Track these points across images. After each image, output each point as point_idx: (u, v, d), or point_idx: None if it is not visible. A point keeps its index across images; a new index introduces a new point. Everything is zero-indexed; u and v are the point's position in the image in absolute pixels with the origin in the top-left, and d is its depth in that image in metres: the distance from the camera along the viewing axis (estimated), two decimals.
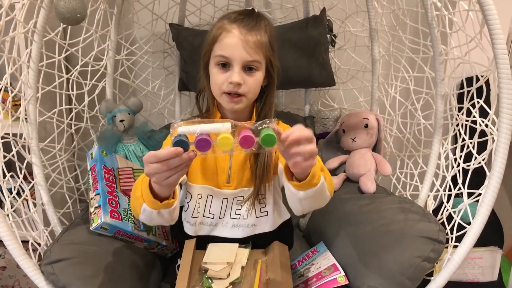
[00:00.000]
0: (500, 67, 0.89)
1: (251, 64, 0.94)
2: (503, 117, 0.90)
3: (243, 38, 0.92)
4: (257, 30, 0.94)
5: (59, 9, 0.92)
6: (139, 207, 0.84)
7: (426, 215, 1.06)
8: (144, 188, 0.82)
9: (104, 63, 1.45)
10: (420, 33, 1.29)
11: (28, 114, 1.11)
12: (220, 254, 0.99)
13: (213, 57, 0.96)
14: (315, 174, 0.80)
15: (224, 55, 0.93)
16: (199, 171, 1.04)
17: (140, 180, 0.87)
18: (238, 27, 0.92)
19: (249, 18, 0.95)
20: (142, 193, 0.83)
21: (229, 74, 0.94)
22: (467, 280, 1.56)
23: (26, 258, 0.92)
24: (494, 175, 0.93)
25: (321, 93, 1.69)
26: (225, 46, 0.93)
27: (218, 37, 0.93)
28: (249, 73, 0.95)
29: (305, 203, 0.87)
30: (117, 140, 1.37)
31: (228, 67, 0.94)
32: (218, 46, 0.94)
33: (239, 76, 0.93)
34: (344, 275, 1.01)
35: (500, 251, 1.55)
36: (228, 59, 0.93)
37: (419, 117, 1.34)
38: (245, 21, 0.93)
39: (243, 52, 0.92)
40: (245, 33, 0.92)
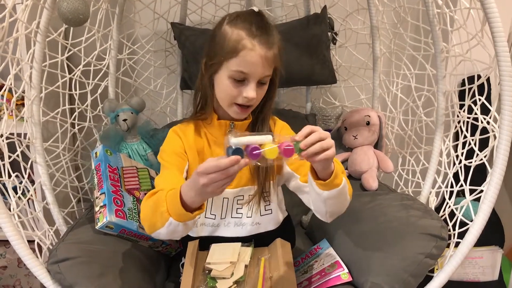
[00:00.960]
0: (501, 64, 0.89)
1: (264, 79, 0.93)
2: (505, 114, 0.91)
3: (264, 56, 0.89)
4: (273, 44, 0.91)
5: (61, 10, 0.93)
6: (162, 222, 0.83)
7: (429, 211, 1.06)
8: (174, 203, 0.80)
9: (106, 63, 1.46)
10: (421, 31, 1.29)
11: (32, 114, 1.11)
12: (223, 254, 1.00)
13: (227, 69, 0.91)
14: (337, 174, 0.85)
15: (245, 71, 0.90)
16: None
17: (161, 196, 0.85)
18: (259, 44, 0.88)
19: (266, 30, 0.90)
20: (168, 208, 0.82)
21: (243, 88, 0.92)
22: (468, 280, 1.57)
23: (32, 258, 0.92)
24: (496, 172, 0.93)
25: (322, 90, 1.70)
26: (246, 64, 0.89)
27: (238, 52, 0.88)
28: (260, 86, 0.94)
29: (329, 203, 0.90)
30: (120, 139, 1.38)
31: (242, 81, 0.92)
32: (238, 62, 0.89)
33: (255, 92, 0.92)
34: (347, 272, 1.02)
35: (500, 251, 1.55)
36: (246, 75, 0.90)
37: (421, 114, 1.34)
38: (264, 37, 0.89)
39: (263, 69, 0.90)
40: (265, 50, 0.89)
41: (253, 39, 0.88)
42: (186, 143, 1.02)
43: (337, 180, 0.86)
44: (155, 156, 1.38)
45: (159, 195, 0.87)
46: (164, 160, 1.01)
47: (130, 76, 1.58)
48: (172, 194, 0.82)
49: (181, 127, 1.06)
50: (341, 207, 0.95)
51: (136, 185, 1.14)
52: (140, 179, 1.17)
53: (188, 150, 1.02)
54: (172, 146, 1.02)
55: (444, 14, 1.12)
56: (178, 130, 1.04)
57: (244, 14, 0.92)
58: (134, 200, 1.09)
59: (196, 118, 1.05)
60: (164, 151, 1.03)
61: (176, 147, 1.02)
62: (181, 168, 1.00)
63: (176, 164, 1.00)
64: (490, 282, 1.56)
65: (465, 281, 1.56)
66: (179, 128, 1.05)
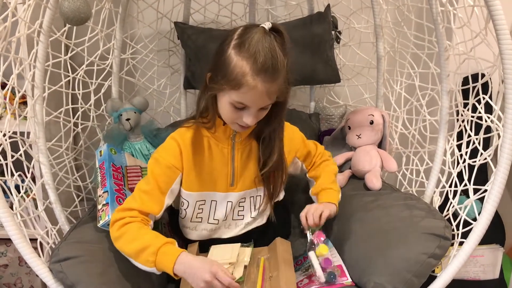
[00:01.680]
0: (505, 62, 0.88)
1: (266, 106, 0.92)
2: (509, 113, 0.90)
3: (266, 91, 0.86)
4: (279, 74, 0.87)
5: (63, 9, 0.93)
6: (144, 264, 0.89)
7: (432, 211, 1.06)
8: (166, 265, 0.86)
9: (109, 62, 1.46)
10: (425, 29, 1.28)
11: (35, 113, 1.12)
12: (222, 255, 1.00)
13: (229, 96, 0.89)
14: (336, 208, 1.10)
15: (244, 103, 0.88)
16: (196, 179, 1.02)
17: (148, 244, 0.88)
18: (263, 82, 0.85)
19: (272, 61, 0.84)
20: (157, 263, 0.87)
21: (243, 113, 0.91)
22: (469, 278, 1.56)
23: (34, 257, 0.93)
24: (500, 171, 0.92)
25: (326, 90, 1.69)
26: (247, 98, 0.88)
27: (240, 86, 0.85)
28: (261, 111, 0.93)
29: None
30: (124, 139, 1.38)
31: (243, 108, 0.90)
32: (239, 95, 0.87)
33: (255, 119, 0.91)
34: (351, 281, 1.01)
35: (501, 249, 1.54)
36: (246, 106, 0.89)
37: (425, 113, 1.33)
38: (269, 71, 0.84)
39: (263, 101, 0.89)
40: (268, 86, 0.86)
41: (256, 76, 0.84)
42: (185, 151, 1.00)
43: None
44: None
45: (147, 242, 0.89)
46: (152, 172, 0.99)
47: (134, 76, 1.59)
48: (167, 255, 0.86)
49: (180, 133, 1.02)
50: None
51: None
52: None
53: (186, 159, 1.00)
54: (167, 157, 0.99)
55: (448, 12, 1.11)
56: (177, 138, 1.01)
57: (253, 36, 0.85)
58: None
59: (199, 123, 1.02)
60: (158, 161, 1.00)
61: (171, 159, 0.99)
62: (166, 186, 0.99)
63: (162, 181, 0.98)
64: (491, 281, 1.56)
65: (465, 280, 1.56)
66: (178, 135, 1.01)
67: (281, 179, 1.08)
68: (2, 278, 1.61)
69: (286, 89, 0.92)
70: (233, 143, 1.03)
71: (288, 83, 0.92)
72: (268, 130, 1.01)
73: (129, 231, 0.91)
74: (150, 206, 0.96)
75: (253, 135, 1.05)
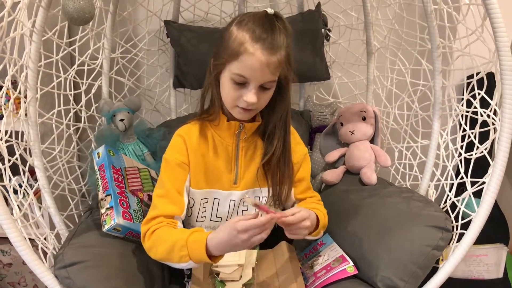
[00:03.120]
0: (502, 59, 0.91)
1: (267, 84, 0.91)
2: (506, 107, 0.92)
3: (265, 61, 0.86)
4: (278, 49, 0.87)
5: (67, 9, 0.90)
6: (179, 261, 0.89)
7: (431, 203, 1.08)
8: (199, 253, 0.86)
9: (100, 62, 1.43)
10: (417, 27, 1.31)
11: (28, 116, 1.08)
12: (230, 257, 0.99)
13: (229, 71, 0.90)
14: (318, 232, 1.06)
15: (244, 75, 0.89)
16: (202, 177, 1.03)
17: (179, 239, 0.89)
18: (261, 49, 0.85)
19: (271, 34, 0.86)
20: (190, 254, 0.87)
21: (244, 91, 0.91)
22: (472, 278, 1.56)
23: (39, 264, 0.90)
24: (498, 164, 0.95)
25: (315, 86, 1.71)
26: (246, 68, 0.88)
27: (239, 55, 0.87)
28: (263, 91, 0.92)
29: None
30: (116, 140, 1.36)
31: (243, 84, 0.91)
32: (238, 65, 0.88)
33: (255, 96, 0.90)
34: (353, 265, 1.03)
35: (505, 248, 1.54)
36: (246, 79, 0.89)
37: (417, 108, 1.36)
38: (268, 41, 0.86)
39: (264, 75, 0.88)
40: (267, 54, 0.86)
41: (255, 43, 0.86)
42: (191, 147, 1.01)
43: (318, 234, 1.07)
44: (152, 156, 1.37)
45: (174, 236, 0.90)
46: (165, 173, 1.00)
47: (124, 75, 1.56)
48: (196, 242, 0.87)
49: (185, 129, 1.04)
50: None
51: (139, 186, 1.12)
52: (142, 180, 1.16)
53: (192, 154, 1.01)
54: (176, 155, 1.00)
55: (442, 10, 1.13)
56: (183, 134, 1.02)
57: (255, 15, 0.89)
58: (139, 202, 1.07)
59: (203, 119, 1.03)
60: (167, 161, 1.01)
61: (180, 156, 1.00)
62: (181, 183, 1.00)
63: (176, 180, 1.00)
64: (494, 280, 1.56)
65: (469, 279, 1.56)
66: (183, 131, 1.03)
67: (288, 176, 1.05)
68: (6, 277, 1.60)
69: (287, 70, 0.93)
70: (237, 141, 1.03)
71: (290, 64, 0.93)
72: (271, 124, 1.02)
73: (158, 237, 0.92)
74: (171, 208, 0.97)
75: (258, 133, 1.05)
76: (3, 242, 1.54)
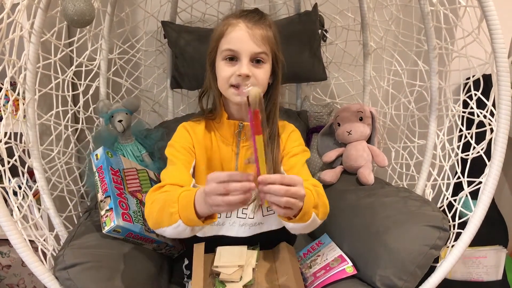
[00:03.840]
0: (498, 60, 0.92)
1: (259, 56, 0.95)
2: (502, 108, 0.94)
3: (250, 31, 0.93)
4: (263, 24, 0.96)
5: (68, 12, 0.90)
6: (170, 223, 0.83)
7: (427, 203, 1.10)
8: (187, 208, 0.80)
9: (97, 63, 1.43)
10: (413, 28, 1.31)
11: (27, 117, 1.08)
12: (230, 257, 1.00)
13: (220, 53, 0.97)
14: (306, 212, 0.84)
15: (232, 48, 0.94)
16: (204, 172, 1.04)
17: (172, 195, 0.85)
18: (244, 21, 0.94)
19: (253, 13, 0.98)
20: (179, 211, 0.81)
21: (237, 67, 0.94)
22: (472, 279, 1.56)
23: (40, 265, 0.90)
24: (494, 164, 0.96)
25: (312, 87, 1.71)
26: (232, 40, 0.94)
27: (224, 32, 0.95)
28: (257, 65, 0.95)
29: (294, 230, 0.93)
30: (114, 141, 1.35)
31: (235, 60, 0.95)
32: (225, 41, 0.95)
33: (247, 68, 0.93)
34: (352, 265, 1.04)
35: (504, 250, 1.55)
36: (236, 53, 0.94)
37: (413, 109, 1.37)
38: (250, 16, 0.96)
39: (251, 44, 0.93)
40: (251, 26, 0.94)
41: (238, 18, 0.95)
42: (195, 138, 1.04)
43: (305, 217, 0.85)
44: (150, 156, 1.37)
45: (169, 194, 0.87)
46: (172, 155, 1.02)
47: (121, 76, 1.55)
48: (186, 197, 0.82)
49: (190, 123, 1.07)
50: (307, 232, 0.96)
51: (137, 187, 1.12)
52: (140, 181, 1.16)
53: (197, 146, 1.03)
54: (181, 140, 1.03)
55: (438, 12, 1.14)
56: (188, 126, 1.06)
57: (241, 9, 0.99)
58: (138, 203, 1.07)
59: (206, 117, 1.07)
60: (173, 145, 1.03)
61: (185, 142, 1.03)
62: (188, 163, 1.01)
63: (183, 159, 1.01)
64: (494, 282, 1.56)
65: (468, 281, 1.56)
66: (188, 125, 1.06)
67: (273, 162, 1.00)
68: (5, 279, 1.59)
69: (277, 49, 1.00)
70: (238, 141, 1.04)
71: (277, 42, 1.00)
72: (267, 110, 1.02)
73: (156, 201, 0.88)
74: (179, 177, 0.94)
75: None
76: (2, 244, 1.53)
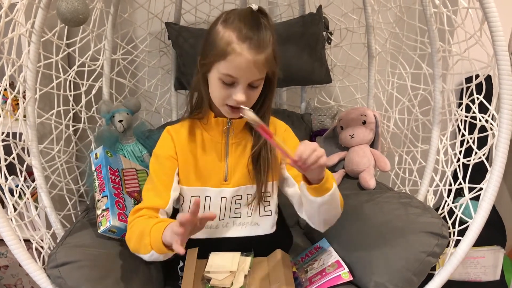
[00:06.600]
0: (500, 63, 0.90)
1: (255, 83, 0.92)
2: (504, 112, 0.91)
3: (253, 60, 0.87)
4: (265, 47, 0.88)
5: (61, 10, 0.91)
6: (145, 252, 0.88)
7: (428, 209, 1.07)
8: (157, 240, 0.85)
9: (100, 63, 1.44)
10: (417, 30, 1.30)
11: (27, 116, 1.09)
12: (222, 263, 0.99)
13: (217, 71, 0.90)
14: (328, 178, 0.89)
15: (233, 75, 0.89)
16: (192, 173, 1.03)
17: (146, 228, 0.88)
18: (248, 48, 0.86)
19: (258, 32, 0.87)
20: (151, 243, 0.86)
21: (233, 90, 0.91)
22: (470, 280, 1.56)
23: (31, 262, 0.91)
24: (496, 170, 0.94)
25: (317, 90, 1.70)
26: (233, 68, 0.88)
27: (226, 55, 0.87)
28: (252, 89, 0.93)
29: (322, 210, 0.93)
30: (115, 141, 1.36)
31: (232, 83, 0.91)
32: (226, 65, 0.88)
33: (244, 95, 0.91)
34: (348, 272, 1.02)
35: (502, 251, 1.54)
36: (235, 79, 0.89)
37: (417, 113, 1.35)
38: (254, 40, 0.87)
39: (253, 71, 0.89)
40: (254, 54, 0.87)
41: (242, 43, 0.86)
42: (178, 144, 1.02)
43: (328, 184, 0.89)
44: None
45: (145, 224, 0.90)
46: (153, 170, 1.02)
47: (124, 77, 1.56)
48: (156, 230, 0.86)
49: (175, 127, 1.06)
50: (334, 214, 0.98)
51: (136, 187, 1.13)
52: (139, 181, 1.16)
53: (180, 151, 1.02)
54: (163, 150, 1.02)
55: (441, 14, 1.12)
56: (172, 130, 1.05)
57: (240, 12, 0.91)
58: (135, 203, 1.07)
59: (192, 117, 1.05)
60: (156, 156, 1.03)
61: (167, 150, 1.02)
62: (170, 176, 1.01)
63: (163, 174, 1.00)
64: (491, 282, 1.56)
65: (466, 281, 1.56)
66: (172, 129, 1.05)
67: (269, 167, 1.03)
68: (2, 279, 1.60)
69: (274, 65, 0.93)
70: (227, 138, 1.03)
71: (276, 59, 0.93)
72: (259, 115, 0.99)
73: (134, 227, 0.92)
74: (154, 201, 0.97)
75: (247, 129, 1.05)
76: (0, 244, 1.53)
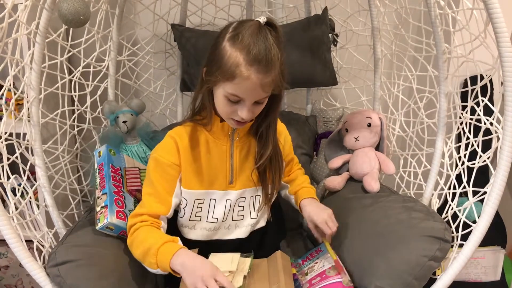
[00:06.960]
0: (505, 65, 0.88)
1: (261, 100, 0.91)
2: (508, 115, 0.90)
3: (260, 84, 0.85)
4: (273, 68, 0.86)
5: (62, 11, 0.91)
6: (150, 267, 0.91)
7: (431, 213, 1.05)
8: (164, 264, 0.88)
9: (106, 64, 1.45)
10: (423, 32, 1.28)
11: (31, 116, 1.10)
12: (221, 263, 0.98)
13: (223, 89, 0.89)
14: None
15: (239, 95, 0.88)
16: (196, 177, 1.02)
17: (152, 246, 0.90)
18: (256, 73, 0.84)
19: (266, 53, 0.84)
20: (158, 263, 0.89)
21: (238, 107, 0.90)
22: (470, 280, 1.56)
23: (31, 261, 0.91)
24: (500, 173, 0.92)
25: (323, 92, 1.69)
26: (240, 90, 0.87)
27: (234, 78, 0.85)
28: (257, 105, 0.92)
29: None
30: (120, 141, 1.37)
31: (237, 101, 0.90)
32: (233, 87, 0.87)
33: (249, 113, 0.90)
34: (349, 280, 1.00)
35: (503, 251, 1.54)
36: (241, 99, 0.89)
37: (422, 115, 1.33)
38: (262, 63, 0.84)
39: (258, 94, 0.88)
40: (262, 77, 0.85)
41: (250, 66, 0.83)
42: (182, 149, 1.00)
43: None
44: None
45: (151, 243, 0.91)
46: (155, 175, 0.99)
47: (130, 78, 1.57)
48: (164, 254, 0.88)
49: (178, 132, 1.02)
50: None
51: (138, 186, 1.13)
52: (142, 180, 1.16)
53: (184, 157, 1.00)
54: (166, 157, 1.00)
55: (447, 15, 1.11)
56: (175, 136, 1.01)
57: (247, 29, 0.85)
58: (136, 202, 1.08)
59: (195, 121, 1.03)
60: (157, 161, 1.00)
61: (171, 157, 1.00)
62: (172, 181, 1.00)
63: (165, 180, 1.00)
64: (492, 283, 1.56)
65: (467, 281, 1.56)
66: (176, 134, 1.02)
67: (278, 175, 1.08)
68: (2, 279, 1.61)
69: (281, 83, 0.91)
70: (231, 141, 1.03)
71: (283, 77, 0.91)
72: (264, 125, 1.02)
73: (138, 236, 0.94)
74: (157, 208, 0.97)
75: (251, 132, 1.05)
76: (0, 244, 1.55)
